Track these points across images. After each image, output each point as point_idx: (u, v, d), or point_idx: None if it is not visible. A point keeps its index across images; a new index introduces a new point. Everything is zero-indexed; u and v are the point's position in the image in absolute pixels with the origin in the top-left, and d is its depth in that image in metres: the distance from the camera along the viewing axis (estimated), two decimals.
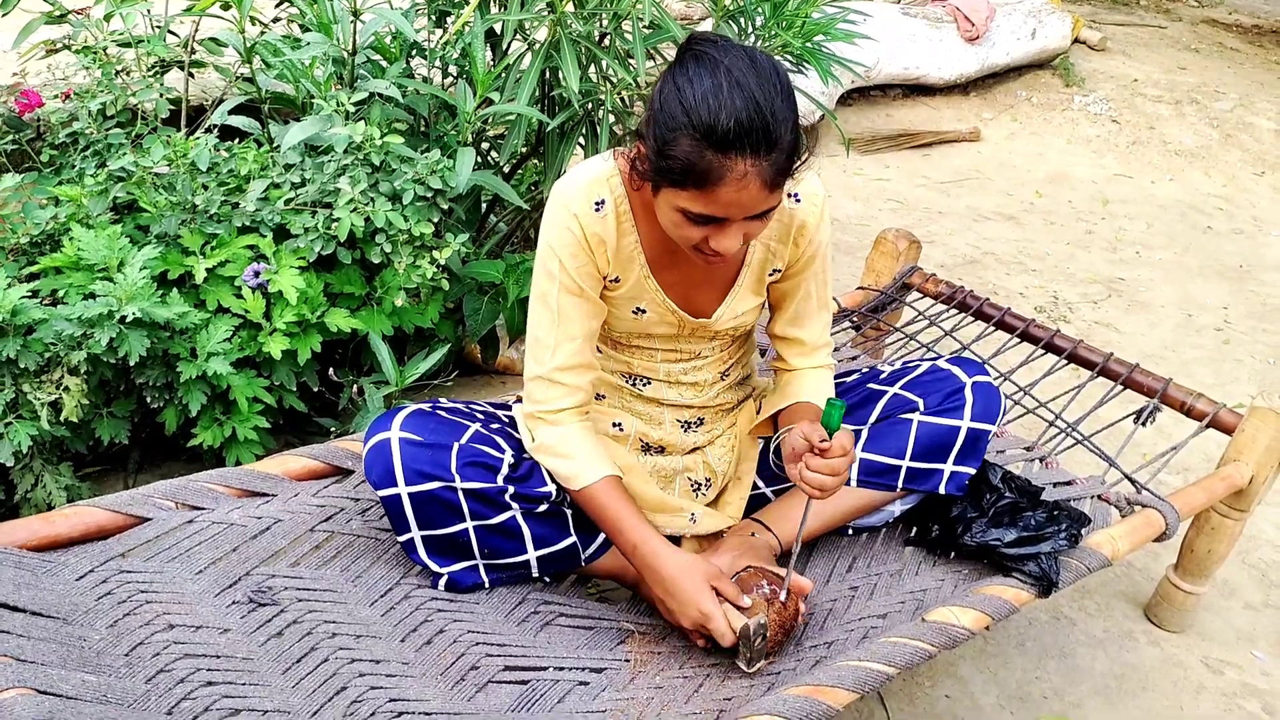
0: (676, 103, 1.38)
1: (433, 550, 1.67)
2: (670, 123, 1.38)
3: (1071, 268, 4.49)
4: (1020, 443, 2.27)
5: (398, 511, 1.63)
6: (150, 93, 2.43)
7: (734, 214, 1.42)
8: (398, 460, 1.61)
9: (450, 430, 1.67)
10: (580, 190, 1.59)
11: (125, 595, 1.49)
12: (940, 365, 1.92)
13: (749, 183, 1.38)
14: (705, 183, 1.38)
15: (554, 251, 1.61)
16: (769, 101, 1.36)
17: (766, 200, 1.42)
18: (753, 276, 1.74)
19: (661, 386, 1.84)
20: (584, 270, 1.62)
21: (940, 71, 5.80)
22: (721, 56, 1.37)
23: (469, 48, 2.26)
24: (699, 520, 1.85)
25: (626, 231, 1.63)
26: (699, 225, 1.45)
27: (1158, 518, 2.06)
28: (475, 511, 1.64)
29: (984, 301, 2.61)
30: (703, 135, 1.35)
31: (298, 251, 2.19)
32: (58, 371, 1.89)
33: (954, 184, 5.20)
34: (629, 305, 1.71)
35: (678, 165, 1.38)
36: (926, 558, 1.93)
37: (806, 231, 1.69)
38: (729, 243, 1.46)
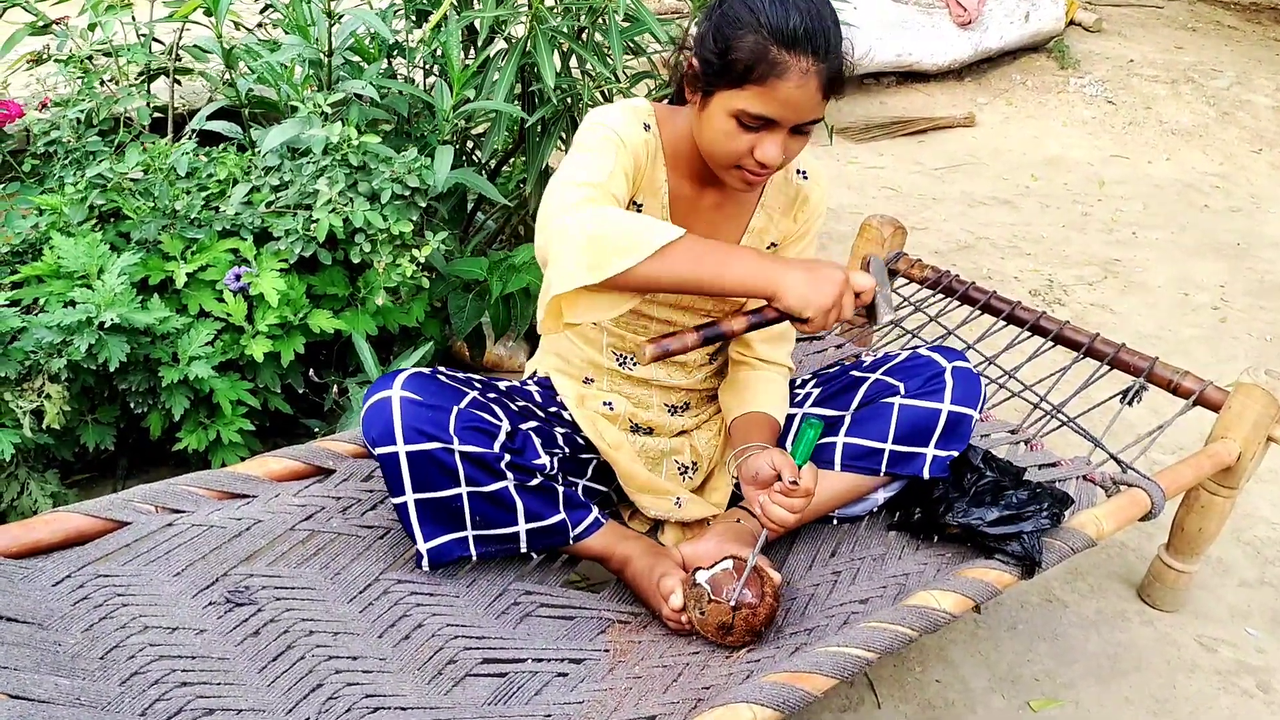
0: (744, 6, 1.48)
1: (425, 516, 1.67)
2: (736, 23, 1.48)
3: (1067, 250, 4.47)
4: (1005, 426, 2.26)
5: (394, 471, 1.63)
6: (132, 100, 2.44)
7: (788, 116, 1.50)
8: (398, 418, 1.61)
9: (450, 394, 1.68)
10: (632, 111, 1.66)
11: (102, 599, 1.50)
12: (921, 352, 1.92)
13: (809, 81, 1.47)
14: (769, 76, 1.46)
15: (613, 134, 1.60)
16: (829, 15, 1.50)
17: (817, 108, 1.50)
18: (752, 243, 1.79)
19: (651, 365, 1.85)
20: (628, 163, 1.60)
21: (933, 58, 5.79)
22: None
23: (444, 46, 2.27)
24: (684, 505, 1.86)
25: (659, 165, 1.69)
26: (749, 131, 1.52)
27: (1143, 497, 2.05)
28: (470, 477, 1.65)
29: (970, 285, 2.61)
30: (771, 32, 1.45)
31: (279, 254, 2.20)
32: (39, 379, 1.90)
33: (948, 170, 5.19)
34: None
35: (742, 62, 1.47)
36: (910, 542, 1.93)
37: (808, 207, 1.80)
38: (774, 151, 1.53)
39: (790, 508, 1.61)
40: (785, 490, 1.60)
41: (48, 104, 2.27)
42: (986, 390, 2.37)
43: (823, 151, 5.13)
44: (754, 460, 1.66)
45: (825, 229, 4.25)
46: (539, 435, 1.75)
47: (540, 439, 1.75)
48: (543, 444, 1.74)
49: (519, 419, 1.75)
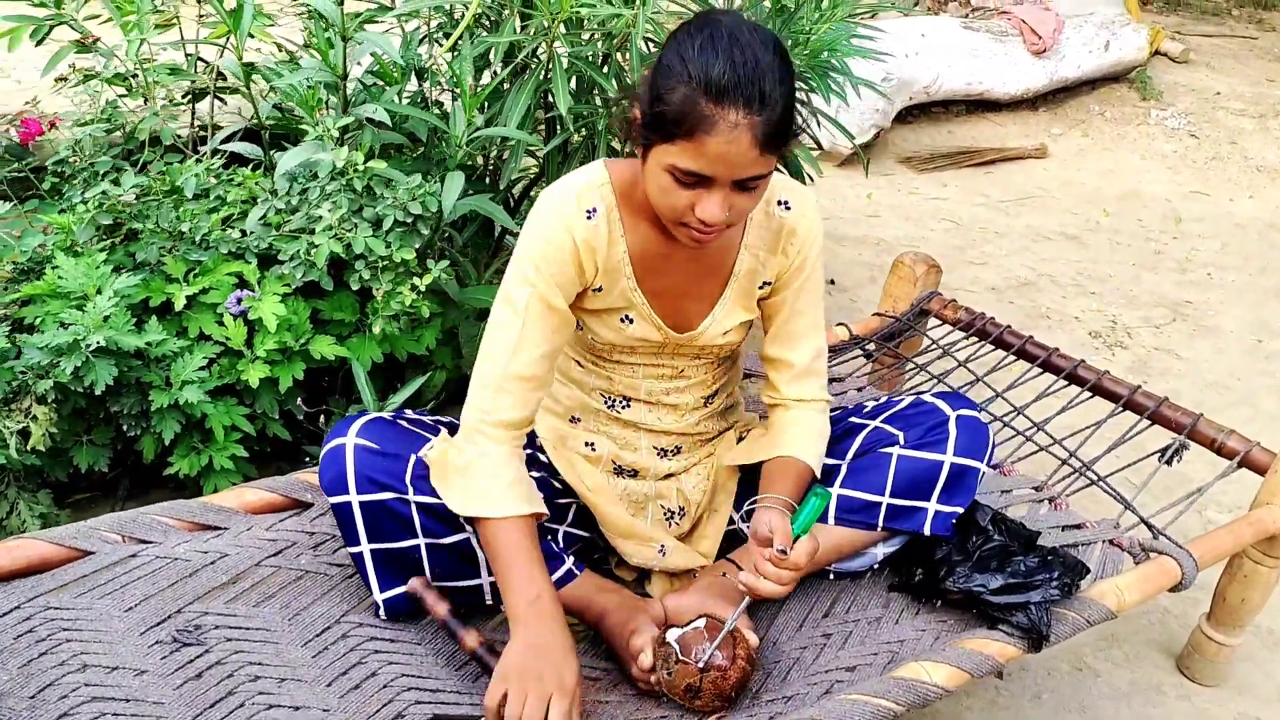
0: (676, 56, 1.38)
1: (383, 567, 1.61)
2: (667, 74, 1.39)
3: (1135, 290, 4.28)
4: (1029, 482, 2.13)
5: (348, 521, 1.58)
6: (153, 120, 2.44)
7: (720, 172, 1.39)
8: (351, 467, 1.56)
9: (409, 441, 1.63)
10: (573, 197, 1.57)
11: (46, 633, 1.47)
12: (925, 398, 1.81)
13: (739, 135, 1.35)
14: (697, 130, 1.36)
15: (535, 259, 1.55)
16: (766, 60, 1.37)
17: (755, 164, 1.39)
18: (740, 289, 1.69)
19: (641, 408, 1.77)
20: (564, 279, 1.57)
21: (1005, 86, 5.61)
22: (723, 19, 1.41)
23: (457, 71, 2.22)
24: (669, 554, 1.77)
25: (616, 240, 1.60)
26: (687, 188, 1.42)
27: (1172, 566, 1.91)
28: (428, 528, 1.59)
29: (1004, 329, 2.48)
30: (697, 84, 1.35)
31: (283, 278, 2.17)
32: (26, 400, 1.88)
33: (1015, 203, 5.01)
34: (615, 315, 1.66)
35: (671, 113, 1.37)
36: (909, 605, 1.81)
37: (795, 240, 1.66)
38: (714, 209, 1.42)
39: (775, 578, 1.50)
40: (774, 559, 1.50)
41: (56, 124, 2.27)
42: (1012, 443, 2.26)
43: (884, 181, 5.01)
44: (759, 516, 1.57)
45: (874, 261, 4.13)
46: None
47: None
48: None
49: None
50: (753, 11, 2.36)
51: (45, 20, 2.58)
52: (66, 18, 2.59)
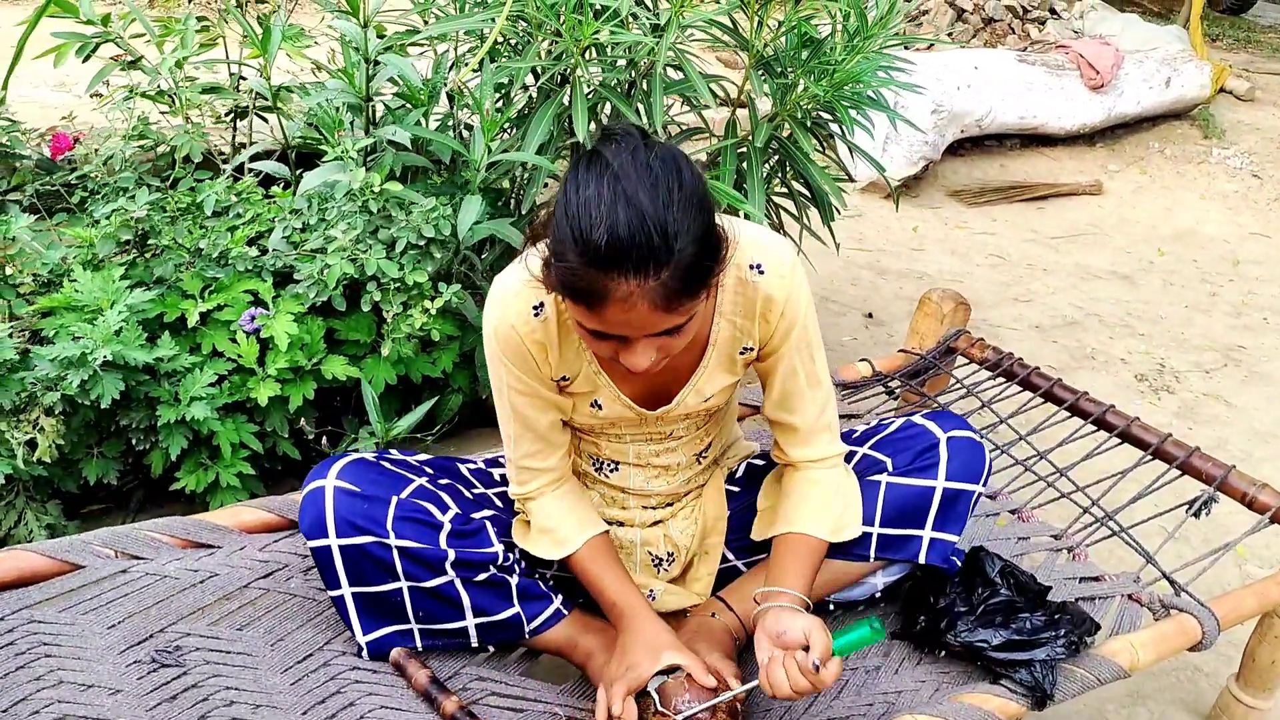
0: (563, 210, 1.24)
1: (365, 610, 1.59)
2: (558, 232, 1.25)
3: (1186, 333, 4.15)
4: (1048, 530, 2.05)
5: (328, 564, 1.56)
6: (184, 138, 2.47)
7: (631, 333, 1.30)
8: (330, 510, 1.54)
9: (391, 483, 1.60)
10: (517, 295, 1.47)
11: (26, 647, 1.47)
12: (915, 420, 1.74)
13: (635, 304, 1.23)
14: (590, 301, 1.25)
15: (497, 358, 1.52)
16: (657, 213, 1.21)
17: (664, 320, 1.27)
18: (720, 355, 1.58)
19: (630, 471, 1.71)
20: (531, 373, 1.53)
21: (1060, 121, 5.51)
22: (614, 158, 1.23)
23: (476, 95, 2.22)
24: (658, 597, 1.73)
25: (570, 330, 1.50)
26: (601, 340, 1.33)
27: (1193, 625, 1.82)
28: (409, 572, 1.57)
29: (1032, 370, 2.41)
30: (581, 251, 1.21)
31: (298, 297, 2.17)
32: (35, 411, 1.90)
33: (1065, 240, 4.91)
34: (585, 400, 1.60)
35: (564, 279, 1.25)
36: (911, 654, 1.75)
37: (774, 305, 1.51)
38: (637, 359, 1.33)
39: (798, 686, 1.41)
40: (803, 669, 1.40)
41: (80, 139, 2.31)
42: (1033, 488, 2.19)
43: (930, 214, 4.93)
44: (784, 619, 1.46)
45: (915, 296, 4.06)
46: (495, 525, 1.65)
47: (497, 528, 1.65)
48: (499, 533, 1.64)
49: (474, 507, 1.66)
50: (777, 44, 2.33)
51: (92, 38, 2.63)
52: (113, 35, 2.65)
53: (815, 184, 2.48)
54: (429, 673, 1.56)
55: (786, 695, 1.42)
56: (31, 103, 4.14)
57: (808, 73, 2.34)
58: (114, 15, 2.66)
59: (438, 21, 2.39)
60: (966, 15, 6.48)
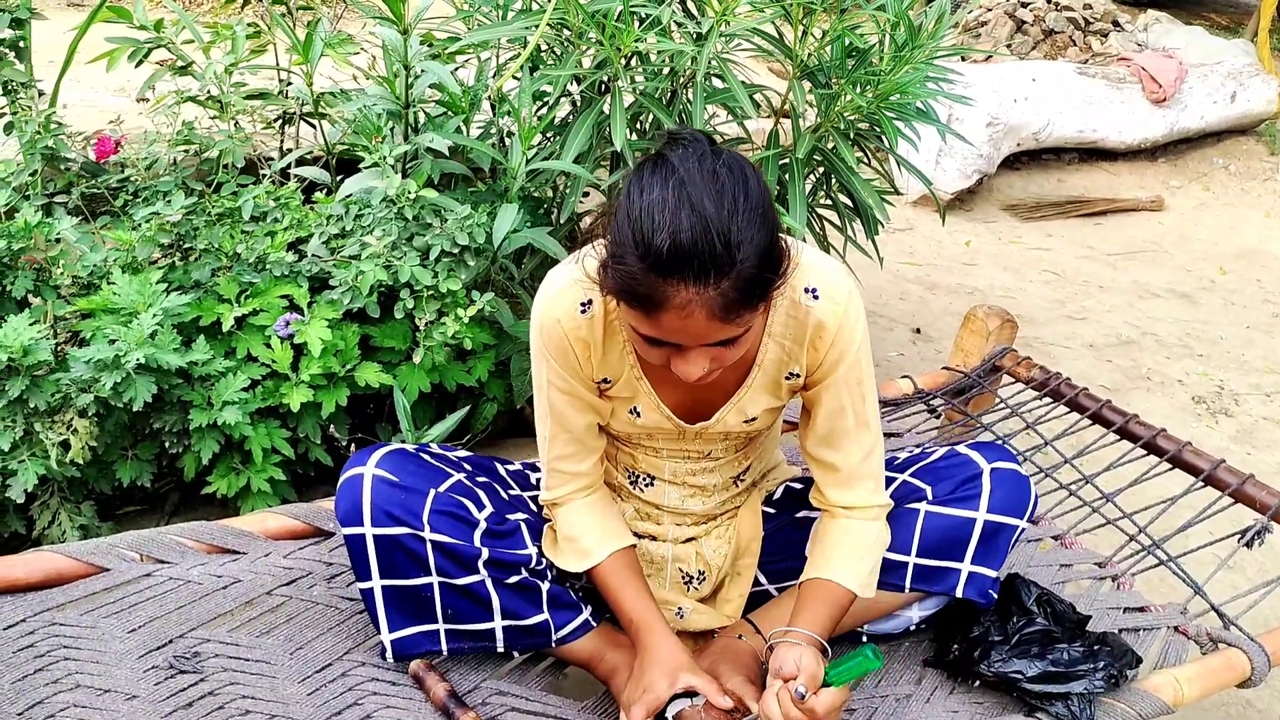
0: (625, 213, 1.24)
1: (393, 605, 1.57)
2: (618, 234, 1.25)
3: (1247, 355, 4.03)
4: (1092, 557, 1.99)
5: (361, 554, 1.54)
6: (228, 143, 2.49)
7: (685, 341, 1.28)
8: (367, 498, 1.52)
9: (430, 476, 1.58)
10: (567, 291, 1.46)
11: (46, 649, 1.47)
12: (959, 450, 1.69)
13: (693, 312, 1.22)
14: (647, 307, 1.24)
15: (541, 352, 1.52)
16: (722, 221, 1.19)
17: (721, 330, 1.26)
18: (766, 377, 1.54)
19: (665, 488, 1.69)
20: (573, 372, 1.52)
21: (1121, 135, 5.39)
22: (680, 163, 1.22)
23: (514, 104, 2.20)
24: (687, 616, 1.69)
25: (615, 331, 1.49)
26: (655, 347, 1.31)
27: (1241, 660, 1.75)
28: (441, 567, 1.55)
29: (1080, 391, 2.33)
30: (642, 255, 1.21)
31: (333, 303, 2.17)
32: (69, 413, 1.91)
33: (1123, 256, 4.79)
34: (624, 406, 1.58)
35: (621, 284, 1.25)
36: (944, 682, 1.70)
37: (825, 334, 1.47)
38: (689, 369, 1.31)
39: (787, 716, 1.39)
40: (792, 698, 1.39)
41: (122, 143, 2.32)
42: (1078, 513, 2.12)
43: (984, 228, 4.84)
44: (784, 652, 1.45)
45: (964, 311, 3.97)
46: (530, 528, 1.63)
47: (531, 531, 1.63)
48: (533, 536, 1.62)
49: (510, 508, 1.64)
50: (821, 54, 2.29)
51: (145, 43, 2.66)
52: (165, 40, 2.67)
53: (859, 196, 2.44)
54: (448, 686, 1.54)
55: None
56: (90, 106, 4.21)
57: (852, 83, 2.29)
58: (166, 21, 2.69)
59: (480, 29, 2.38)
60: (1026, 27, 6.36)
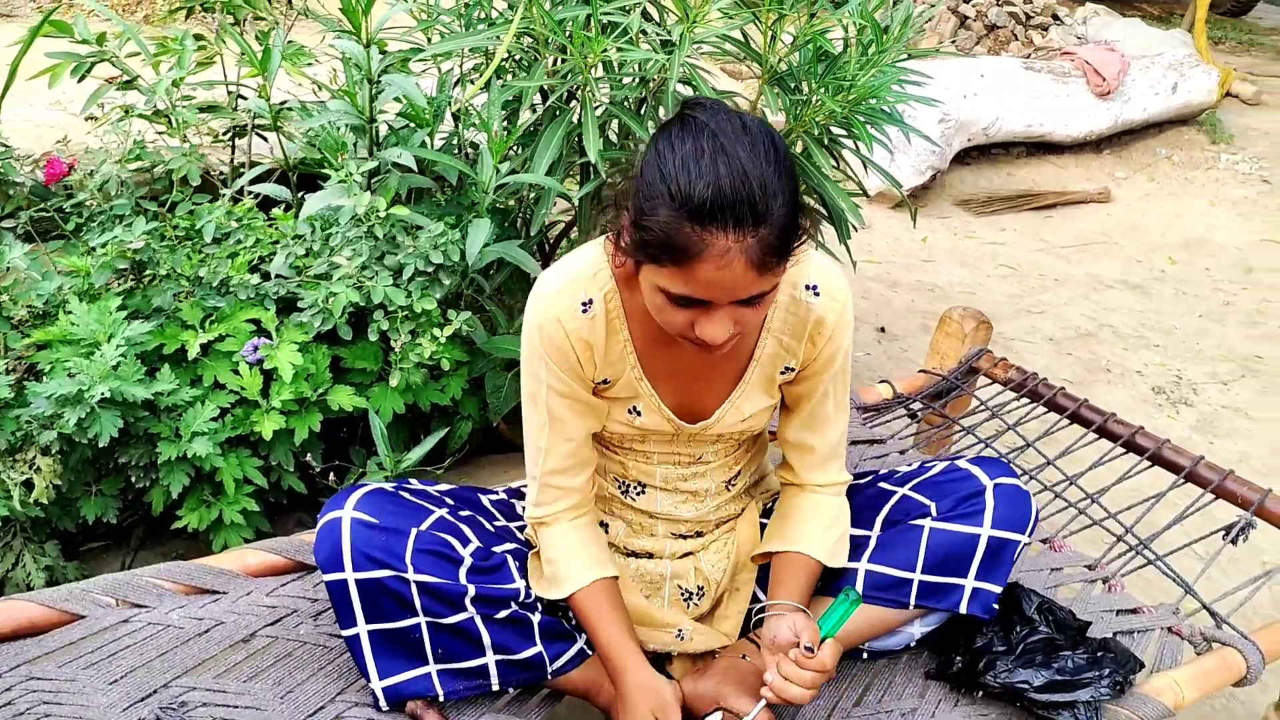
0: (655, 169, 1.24)
1: (381, 649, 1.52)
2: (648, 190, 1.24)
3: (1202, 343, 4.09)
4: (1081, 559, 1.99)
5: (344, 600, 1.49)
6: (181, 160, 2.40)
7: (717, 296, 1.26)
8: (346, 542, 1.47)
9: (410, 515, 1.53)
10: (565, 291, 1.45)
11: (26, 706, 1.39)
12: (960, 465, 1.68)
13: (731, 260, 1.22)
14: (683, 259, 1.23)
15: (539, 356, 1.48)
16: (759, 170, 1.21)
17: (755, 283, 1.25)
18: (762, 374, 1.55)
19: (657, 494, 1.66)
20: (573, 373, 1.49)
21: (1067, 128, 5.46)
22: (709, 120, 1.24)
23: (483, 115, 2.15)
24: (688, 637, 1.66)
25: (616, 330, 1.48)
26: (682, 308, 1.29)
27: (1236, 658, 1.76)
28: (428, 608, 1.50)
29: (1058, 391, 2.34)
30: (680, 205, 1.20)
31: (302, 326, 2.10)
32: (31, 451, 1.83)
33: (1075, 249, 4.85)
34: (623, 407, 1.55)
35: (655, 238, 1.23)
36: (948, 695, 1.68)
37: (825, 329, 1.50)
38: (715, 330, 1.29)
39: (801, 681, 1.39)
40: (799, 660, 1.39)
41: (74, 165, 2.23)
42: (1063, 515, 2.12)
43: (939, 224, 4.87)
44: (775, 623, 1.47)
45: (928, 309, 3.99)
46: (517, 559, 1.59)
47: (519, 563, 1.58)
48: (521, 568, 1.58)
49: (495, 540, 1.60)
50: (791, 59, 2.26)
51: (87, 57, 2.56)
52: (109, 55, 2.58)
53: (831, 201, 2.42)
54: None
55: (798, 697, 1.40)
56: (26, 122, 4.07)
57: (822, 87, 2.27)
58: (109, 34, 2.60)
59: (442, 39, 2.32)
60: (969, 22, 6.42)
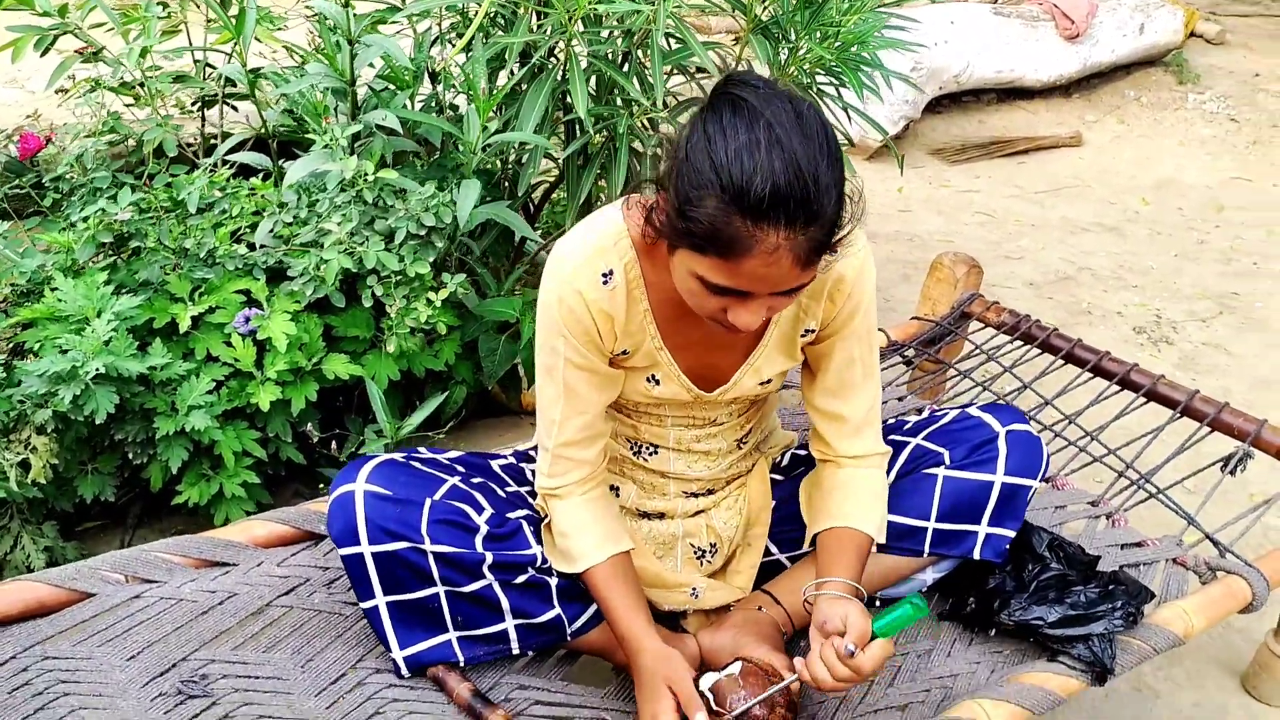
0: (705, 156, 1.20)
1: (400, 620, 1.51)
2: (696, 178, 1.20)
3: (1178, 282, 4.12)
4: (1084, 496, 2.00)
5: (360, 573, 1.48)
6: (157, 131, 2.35)
7: (759, 289, 1.25)
8: (361, 516, 1.46)
9: (423, 485, 1.52)
10: (585, 262, 1.41)
11: (43, 686, 1.38)
12: (971, 412, 1.69)
13: (780, 258, 1.20)
14: (730, 252, 1.20)
15: (556, 326, 1.44)
16: (813, 165, 1.18)
17: (797, 278, 1.24)
18: (781, 336, 1.54)
19: (669, 455, 1.65)
20: (592, 346, 1.46)
21: (1037, 73, 5.45)
22: (763, 108, 1.19)
23: (470, 74, 2.12)
24: (702, 595, 1.66)
25: (637, 300, 1.45)
26: (718, 295, 1.27)
27: (1242, 586, 1.79)
28: (446, 577, 1.49)
29: (1051, 332, 2.35)
30: (733, 199, 1.17)
31: (293, 295, 2.07)
32: (26, 430, 1.80)
33: (1050, 193, 4.86)
34: (640, 376, 1.54)
35: (701, 229, 1.20)
36: (962, 635, 1.70)
37: (844, 286, 1.48)
38: (749, 318, 1.28)
39: (836, 674, 1.37)
40: (839, 655, 1.37)
41: (52, 138, 2.18)
42: (1065, 453, 2.14)
43: (914, 174, 4.86)
44: (828, 607, 1.43)
45: (908, 258, 4.00)
46: (531, 524, 1.58)
47: (533, 528, 1.57)
48: (535, 533, 1.57)
49: (509, 506, 1.58)
50: (780, 6, 2.24)
51: (50, 30, 2.50)
52: (71, 27, 2.51)
53: None
54: (471, 685, 1.48)
55: (830, 687, 1.38)
56: None
57: (809, 34, 2.25)
58: (70, 5, 2.53)
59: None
60: None
